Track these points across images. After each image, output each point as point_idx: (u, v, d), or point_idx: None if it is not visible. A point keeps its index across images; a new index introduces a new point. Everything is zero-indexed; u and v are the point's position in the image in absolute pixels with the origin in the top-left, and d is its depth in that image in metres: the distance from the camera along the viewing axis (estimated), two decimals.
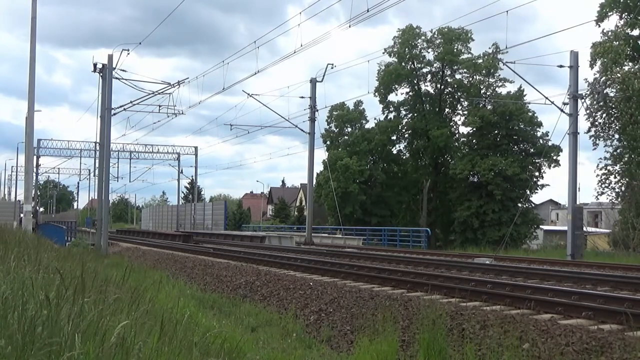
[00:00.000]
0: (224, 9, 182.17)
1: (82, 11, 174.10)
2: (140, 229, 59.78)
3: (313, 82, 31.02)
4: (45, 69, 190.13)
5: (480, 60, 42.04)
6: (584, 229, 27.88)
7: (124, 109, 27.00)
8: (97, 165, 35.70)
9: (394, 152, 48.28)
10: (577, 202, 24.55)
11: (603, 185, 31.27)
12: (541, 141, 39.63)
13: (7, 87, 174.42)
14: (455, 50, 43.75)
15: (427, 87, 46.66)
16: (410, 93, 46.09)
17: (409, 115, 46.91)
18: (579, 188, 25.40)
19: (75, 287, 4.33)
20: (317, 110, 31.37)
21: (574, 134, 23.52)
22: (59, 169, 60.45)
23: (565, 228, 25.57)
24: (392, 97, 46.33)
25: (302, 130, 31.96)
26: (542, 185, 41.04)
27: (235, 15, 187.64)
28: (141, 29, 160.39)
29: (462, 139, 44.94)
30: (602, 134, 30.97)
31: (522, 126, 40.45)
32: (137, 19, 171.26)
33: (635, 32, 31.27)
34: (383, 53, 43.26)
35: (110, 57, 24.37)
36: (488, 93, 43.27)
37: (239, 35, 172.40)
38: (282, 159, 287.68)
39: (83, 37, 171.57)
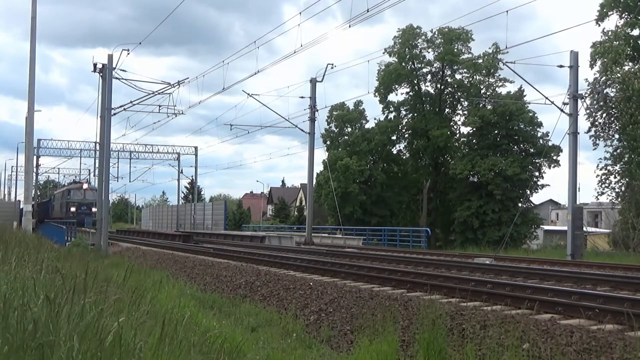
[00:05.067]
0: (219, 8, 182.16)
1: (78, 10, 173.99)
2: (140, 229, 59.76)
3: (313, 82, 31.01)
4: (42, 69, 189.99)
5: (480, 60, 42.07)
6: (584, 229, 27.90)
7: (124, 109, 27.01)
8: (97, 165, 35.74)
9: (394, 152, 48.28)
10: (577, 202, 24.55)
11: (603, 185, 31.28)
12: (541, 141, 39.62)
13: (5, 87, 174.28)
14: (455, 50, 43.77)
15: (427, 87, 46.72)
16: (410, 93, 46.10)
17: (409, 115, 46.93)
18: (579, 188, 25.43)
19: (74, 287, 4.33)
20: (317, 110, 31.37)
21: (574, 134, 23.52)
22: (59, 169, 60.48)
23: (565, 228, 25.58)
24: (392, 97, 46.38)
25: (302, 130, 31.97)
26: (542, 185, 41.07)
27: (230, 14, 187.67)
28: (137, 28, 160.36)
29: (462, 139, 44.95)
30: (602, 134, 30.99)
31: (522, 126, 40.44)
32: (133, 17, 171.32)
33: (635, 32, 31.28)
34: (383, 53, 43.34)
35: (110, 57, 24.37)
36: (488, 93, 43.27)
37: (235, 34, 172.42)
38: (281, 159, 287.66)
39: (79, 36, 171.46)
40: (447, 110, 47.25)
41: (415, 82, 45.60)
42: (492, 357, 6.39)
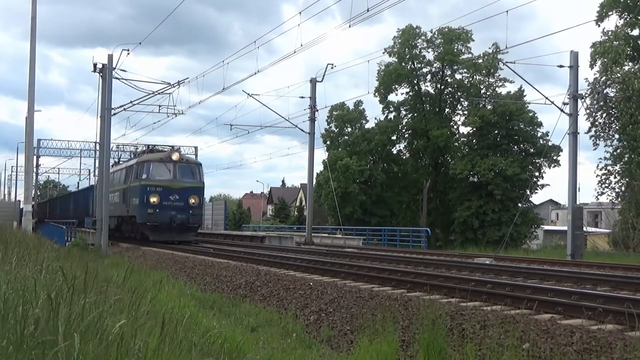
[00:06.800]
0: (218, 7, 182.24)
1: (76, 9, 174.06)
2: None
3: (313, 82, 31.01)
4: (41, 68, 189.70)
5: (480, 60, 42.10)
6: (584, 229, 27.91)
7: (124, 109, 26.98)
8: (97, 165, 35.71)
9: (394, 152, 48.32)
10: (577, 202, 24.56)
11: (603, 185, 31.32)
12: (541, 141, 39.66)
13: (4, 87, 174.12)
14: (455, 50, 43.80)
15: (427, 87, 46.78)
16: (410, 93, 46.14)
17: (409, 115, 46.98)
18: (579, 188, 25.45)
19: (75, 287, 4.33)
20: (317, 110, 31.37)
21: (574, 134, 23.53)
22: (59, 169, 60.41)
23: (565, 228, 25.59)
24: (392, 97, 46.44)
25: (302, 130, 31.96)
26: (542, 185, 41.18)
27: (229, 14, 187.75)
28: (136, 27, 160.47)
29: (462, 139, 45.00)
30: (602, 134, 31.03)
31: (522, 126, 40.50)
32: (132, 17, 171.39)
33: (635, 32, 31.32)
34: (383, 53, 43.43)
35: (110, 57, 24.37)
36: (488, 93, 43.30)
37: (234, 34, 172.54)
38: (281, 159, 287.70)
39: (77, 35, 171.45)
40: (447, 110, 47.29)
41: (415, 82, 45.63)
42: (492, 357, 6.39)
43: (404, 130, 47.15)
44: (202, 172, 25.78)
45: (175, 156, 24.89)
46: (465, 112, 44.77)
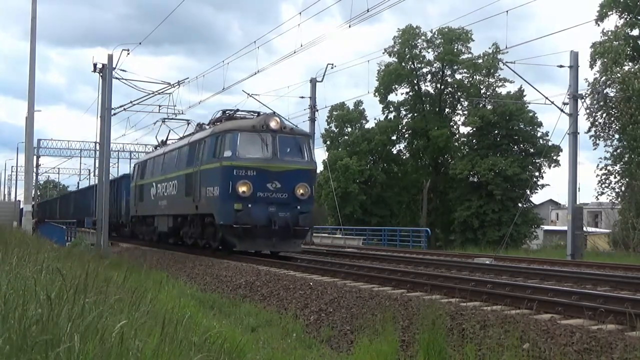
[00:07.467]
0: (217, 7, 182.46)
1: (75, 9, 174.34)
2: None
3: (313, 82, 31.02)
4: (40, 68, 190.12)
5: (480, 60, 42.15)
6: (584, 229, 27.92)
7: (124, 109, 26.98)
8: (97, 165, 35.73)
9: (394, 152, 48.36)
10: (577, 202, 24.56)
11: (603, 185, 31.38)
12: (541, 141, 39.70)
13: (3, 87, 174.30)
14: (455, 50, 43.83)
15: (427, 87, 46.85)
16: (410, 93, 46.18)
17: (409, 115, 47.03)
18: (579, 188, 25.47)
19: (75, 287, 4.34)
20: (317, 110, 31.38)
21: (574, 134, 23.54)
22: (59, 169, 60.53)
23: (565, 228, 25.60)
24: (392, 97, 46.50)
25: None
26: (542, 185, 41.28)
27: (228, 14, 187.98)
28: (136, 27, 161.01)
29: (462, 139, 45.03)
30: (602, 134, 31.07)
31: (522, 126, 40.55)
32: (132, 17, 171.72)
33: (635, 32, 31.35)
34: (383, 53, 43.50)
35: (110, 57, 24.36)
36: (488, 93, 43.34)
37: (233, 34, 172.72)
38: None
39: (77, 35, 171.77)
40: (447, 110, 47.33)
41: (415, 82, 45.68)
42: (492, 357, 6.39)
43: (404, 130, 47.20)
44: (313, 149, 18.09)
45: (274, 123, 16.24)
46: (465, 112, 44.84)
